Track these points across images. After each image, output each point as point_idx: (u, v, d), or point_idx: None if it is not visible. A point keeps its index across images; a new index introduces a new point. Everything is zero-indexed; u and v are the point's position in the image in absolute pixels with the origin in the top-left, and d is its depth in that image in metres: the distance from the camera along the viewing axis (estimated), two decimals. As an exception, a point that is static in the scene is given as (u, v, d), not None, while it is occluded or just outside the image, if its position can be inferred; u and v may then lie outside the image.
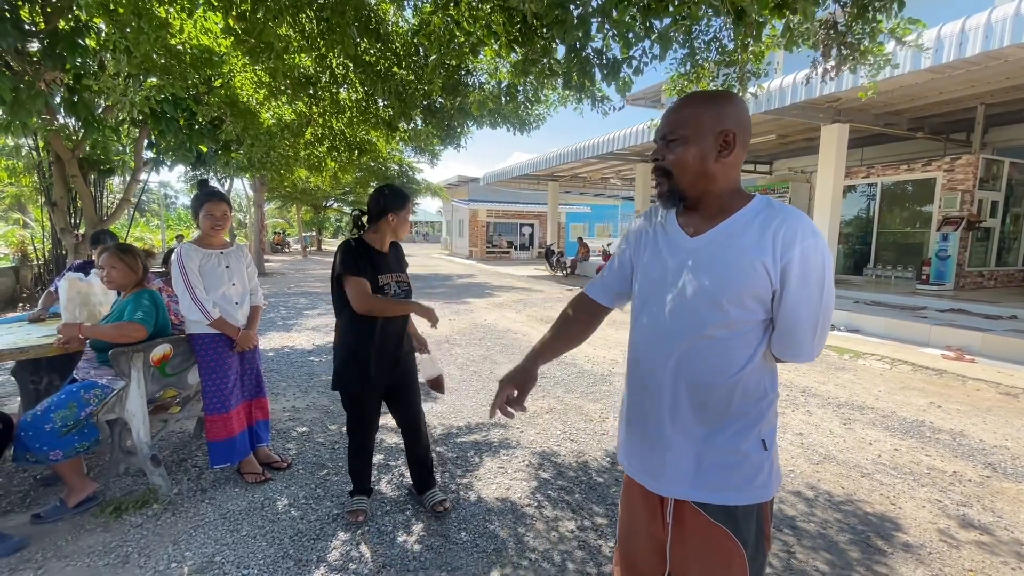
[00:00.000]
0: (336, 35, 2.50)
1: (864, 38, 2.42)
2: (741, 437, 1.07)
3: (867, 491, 2.74)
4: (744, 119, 1.07)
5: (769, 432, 1.09)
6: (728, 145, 1.05)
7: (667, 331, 1.10)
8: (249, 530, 2.32)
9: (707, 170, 1.06)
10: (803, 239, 1.00)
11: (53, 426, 2.28)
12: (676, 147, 1.08)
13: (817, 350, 1.07)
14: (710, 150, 1.05)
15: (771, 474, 1.09)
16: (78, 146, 5.60)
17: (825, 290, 1.02)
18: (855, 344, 6.16)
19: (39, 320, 3.26)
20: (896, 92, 7.65)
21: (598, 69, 2.37)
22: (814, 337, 1.05)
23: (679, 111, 1.09)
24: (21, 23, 3.96)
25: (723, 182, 1.08)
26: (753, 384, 1.07)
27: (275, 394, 4.26)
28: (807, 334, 1.04)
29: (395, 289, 2.30)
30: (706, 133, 1.05)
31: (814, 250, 1.00)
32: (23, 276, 9.15)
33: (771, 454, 1.09)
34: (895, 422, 3.73)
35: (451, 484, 2.76)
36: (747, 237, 1.03)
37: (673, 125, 1.09)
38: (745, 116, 1.07)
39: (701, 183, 1.08)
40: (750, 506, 1.08)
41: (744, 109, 1.08)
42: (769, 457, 1.09)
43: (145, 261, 2.67)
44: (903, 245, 10.54)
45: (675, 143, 1.08)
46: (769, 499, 1.10)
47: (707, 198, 1.10)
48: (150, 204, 31.68)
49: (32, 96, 3.95)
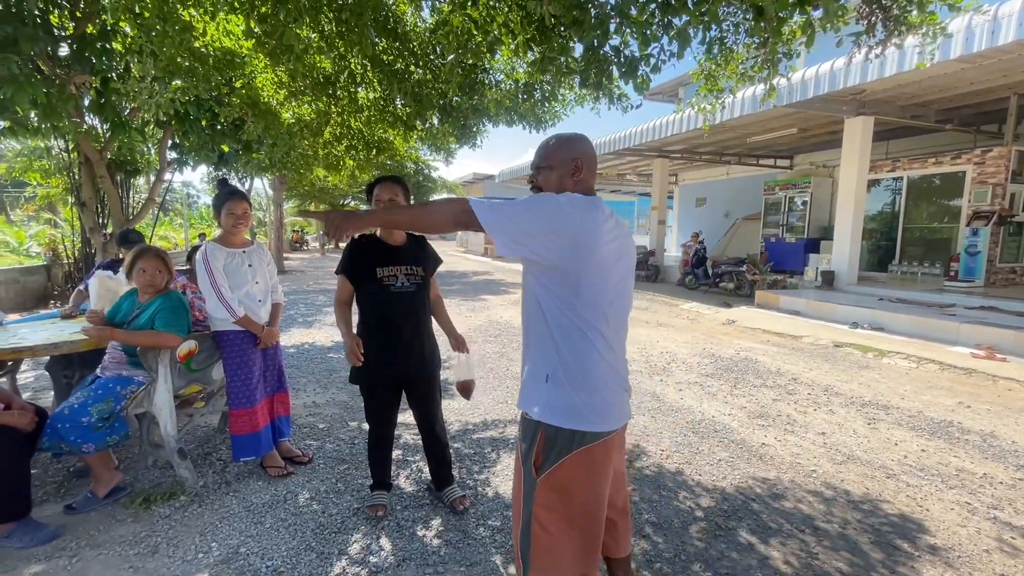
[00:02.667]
0: (354, 35, 2.52)
1: (912, 8, 2.31)
2: None
3: (892, 492, 2.68)
4: (589, 152, 1.47)
5: (572, 380, 1.39)
6: (579, 169, 1.44)
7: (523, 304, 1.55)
8: (272, 522, 2.37)
9: (564, 186, 1.44)
10: None
11: (90, 420, 2.36)
12: (544, 172, 1.48)
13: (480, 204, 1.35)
14: (566, 173, 1.45)
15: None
16: (106, 147, 5.77)
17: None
18: (879, 342, 6.02)
19: (71, 317, 3.37)
20: (924, 83, 7.43)
21: (616, 67, 2.34)
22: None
23: (549, 147, 1.49)
24: (51, 28, 4.09)
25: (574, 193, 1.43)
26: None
27: (295, 390, 4.33)
28: None
29: (403, 281, 2.30)
30: (564, 161, 1.45)
31: None
32: (54, 274, 9.45)
33: (573, 400, 1.39)
34: (922, 422, 3.64)
35: (469, 480, 2.78)
36: None
37: (541, 157, 1.50)
38: (590, 150, 1.48)
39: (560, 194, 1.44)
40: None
41: (589, 144, 1.49)
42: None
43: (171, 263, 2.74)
44: (930, 241, 10.26)
45: (543, 169, 1.49)
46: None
47: None
48: (173, 203, 32.41)
49: (63, 99, 4.08)
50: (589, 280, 1.33)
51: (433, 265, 2.48)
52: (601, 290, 1.35)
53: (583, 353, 1.35)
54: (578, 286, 1.33)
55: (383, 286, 2.27)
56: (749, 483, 2.78)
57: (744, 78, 3.52)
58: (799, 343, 6.25)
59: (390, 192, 2.29)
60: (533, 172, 1.53)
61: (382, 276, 2.27)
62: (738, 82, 3.58)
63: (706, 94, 3.71)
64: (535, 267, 1.37)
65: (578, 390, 1.35)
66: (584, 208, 1.31)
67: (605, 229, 1.34)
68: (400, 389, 2.43)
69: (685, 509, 2.52)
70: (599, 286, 1.35)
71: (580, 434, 1.36)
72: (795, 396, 4.21)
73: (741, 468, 2.95)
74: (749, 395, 4.24)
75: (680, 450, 3.19)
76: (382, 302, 2.28)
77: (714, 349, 5.89)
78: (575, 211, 1.29)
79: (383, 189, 2.30)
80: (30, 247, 12.45)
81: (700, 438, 3.36)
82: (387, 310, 2.28)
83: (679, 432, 3.47)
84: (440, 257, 2.56)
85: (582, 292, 1.33)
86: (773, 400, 4.12)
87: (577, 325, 1.35)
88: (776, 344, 6.20)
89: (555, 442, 1.36)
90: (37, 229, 13.98)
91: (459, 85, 2.95)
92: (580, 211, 1.30)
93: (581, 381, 1.36)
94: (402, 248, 2.37)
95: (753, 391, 4.34)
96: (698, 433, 3.44)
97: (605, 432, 1.39)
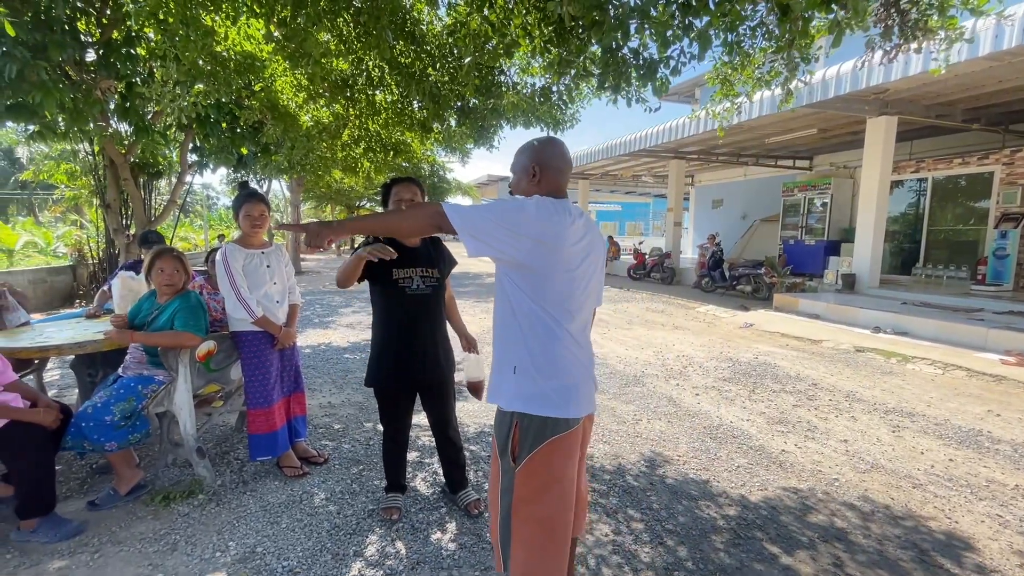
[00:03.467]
0: (372, 38, 2.53)
1: (932, 12, 2.25)
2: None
3: (919, 503, 2.60)
4: (547, 155, 1.54)
5: (539, 368, 1.44)
6: (535, 174, 1.53)
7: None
8: (288, 522, 2.38)
9: (526, 190, 1.54)
10: None
11: (113, 419, 2.40)
12: (512, 177, 1.62)
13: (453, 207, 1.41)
14: (526, 177, 1.54)
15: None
16: (130, 150, 5.89)
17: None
18: (903, 347, 5.87)
19: (95, 316, 3.44)
20: (950, 81, 7.24)
21: (634, 70, 2.30)
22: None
23: (515, 155, 1.62)
24: (79, 34, 4.19)
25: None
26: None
27: (311, 390, 4.37)
28: None
29: (418, 283, 2.28)
30: (523, 167, 1.55)
31: None
32: (80, 274, 9.70)
33: (541, 387, 1.44)
34: (949, 431, 3.53)
35: (484, 484, 2.77)
36: None
37: (513, 163, 1.62)
38: (549, 152, 1.55)
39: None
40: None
41: (553, 148, 1.56)
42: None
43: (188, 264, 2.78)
44: (956, 243, 9.99)
45: (512, 174, 1.62)
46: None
47: None
48: (193, 205, 33.02)
49: (89, 104, 4.17)
50: (554, 278, 1.41)
51: (448, 267, 2.47)
52: (567, 287, 1.43)
53: (549, 344, 1.42)
54: (543, 283, 1.41)
55: (398, 288, 2.26)
56: (770, 491, 2.72)
57: (761, 83, 3.46)
58: (819, 347, 6.13)
59: (409, 192, 2.29)
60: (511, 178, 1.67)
61: (398, 278, 2.26)
62: (754, 87, 3.52)
63: (721, 99, 3.66)
64: (503, 264, 1.46)
65: (547, 378, 1.42)
66: (550, 212, 1.38)
67: (572, 231, 1.41)
68: (415, 392, 2.43)
69: (705, 517, 2.47)
70: (565, 284, 1.43)
71: (552, 420, 1.42)
72: (815, 402, 4.12)
73: (761, 475, 2.89)
74: (768, 400, 4.16)
75: (698, 456, 3.13)
76: (397, 304, 2.27)
77: (731, 353, 5.79)
78: (540, 214, 1.36)
79: (402, 190, 2.29)
80: (57, 247, 12.79)
81: (718, 444, 3.30)
82: (402, 312, 2.27)
83: (696, 438, 3.41)
84: (455, 259, 2.55)
85: (547, 289, 1.41)
86: (793, 406, 4.03)
87: (542, 318, 1.43)
88: (795, 348, 6.08)
89: (529, 430, 1.42)
90: (64, 230, 14.36)
91: (476, 87, 2.94)
92: (545, 215, 1.37)
93: (548, 370, 1.42)
94: (418, 249, 2.36)
95: (772, 396, 4.26)
96: (716, 439, 3.39)
97: (575, 419, 1.45)
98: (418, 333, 2.30)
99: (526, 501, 1.43)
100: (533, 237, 1.35)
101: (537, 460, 1.41)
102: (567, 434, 1.44)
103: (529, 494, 1.43)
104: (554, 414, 1.42)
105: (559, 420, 1.42)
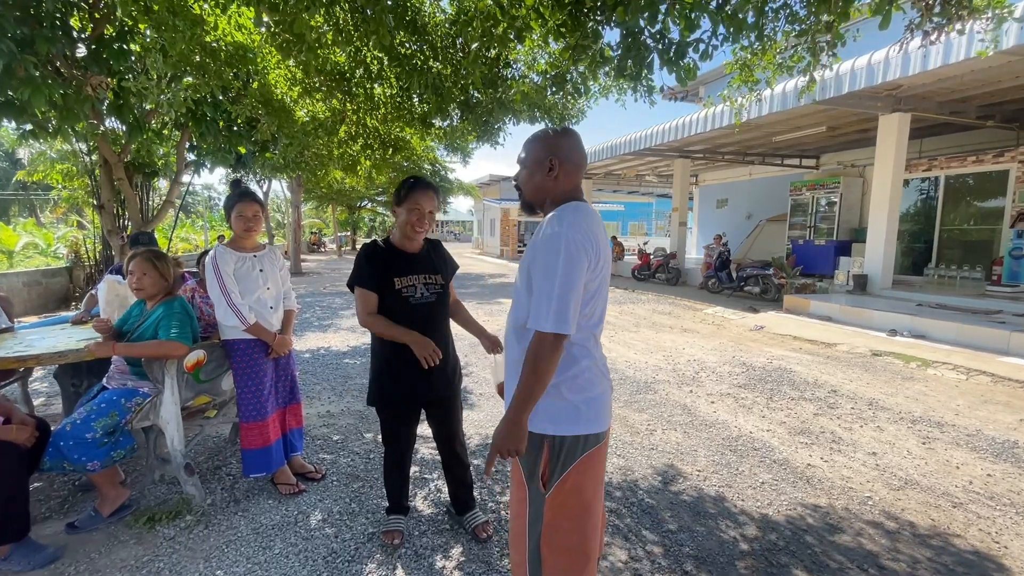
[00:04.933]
0: (371, 26, 2.35)
1: None
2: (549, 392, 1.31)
3: (962, 525, 2.41)
4: (565, 148, 1.40)
5: (568, 386, 1.33)
6: (553, 168, 1.38)
7: (512, 307, 1.43)
8: (282, 547, 2.21)
9: (539, 185, 1.42)
10: (543, 228, 1.30)
11: (94, 435, 2.23)
12: (522, 170, 1.46)
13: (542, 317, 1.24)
14: (541, 171, 1.40)
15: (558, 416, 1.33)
16: (124, 149, 5.72)
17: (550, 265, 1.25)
18: (922, 351, 5.67)
19: (82, 322, 3.27)
20: (966, 77, 7.03)
21: (657, 55, 2.11)
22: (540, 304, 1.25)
23: (526, 145, 1.45)
24: (71, 29, 4.02)
25: (552, 194, 1.42)
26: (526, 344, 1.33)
27: (309, 398, 4.20)
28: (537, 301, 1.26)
29: (422, 291, 2.10)
30: (537, 160, 1.40)
31: (554, 239, 1.26)
32: (76, 276, 9.54)
33: (573, 402, 1.33)
34: (982, 442, 3.34)
35: (490, 503, 2.59)
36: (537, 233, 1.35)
37: (522, 154, 1.46)
38: (567, 145, 1.40)
39: (537, 195, 1.44)
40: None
41: (571, 141, 1.42)
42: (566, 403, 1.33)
43: (175, 268, 2.59)
44: (969, 243, 9.77)
45: (521, 168, 1.46)
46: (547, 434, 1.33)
47: (542, 206, 1.45)
48: (195, 206, 32.94)
49: (79, 101, 4.01)
50: (599, 293, 1.37)
51: (451, 272, 2.29)
52: (596, 296, 1.38)
53: (575, 358, 1.35)
54: (588, 301, 1.35)
55: (401, 298, 2.07)
56: (798, 511, 2.53)
57: (782, 69, 3.29)
58: (834, 351, 5.93)
59: (431, 204, 2.09)
60: (517, 171, 1.50)
61: (400, 287, 2.07)
62: (775, 73, 3.35)
63: (740, 86, 3.48)
64: None
65: (576, 393, 1.35)
66: (588, 230, 1.29)
67: (604, 239, 1.36)
68: (420, 408, 2.24)
69: (729, 540, 2.29)
70: (595, 293, 1.37)
71: (583, 438, 1.35)
72: (837, 410, 3.93)
73: (787, 493, 2.70)
74: (787, 409, 3.97)
75: (718, 471, 2.95)
76: (400, 316, 2.07)
77: (744, 357, 5.60)
78: (587, 248, 1.28)
79: (425, 200, 2.06)
80: (57, 249, 12.64)
81: (739, 457, 3.12)
82: (406, 325, 2.07)
83: (715, 450, 3.22)
84: (456, 263, 2.37)
85: (587, 303, 1.34)
86: (814, 415, 3.85)
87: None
88: (809, 352, 5.89)
89: (561, 451, 1.35)
90: (64, 231, 14.22)
91: (482, 76, 2.75)
92: (588, 244, 1.28)
93: (576, 384, 1.35)
94: (419, 255, 2.18)
95: (791, 404, 4.07)
96: (736, 452, 3.20)
97: (604, 431, 1.40)
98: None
99: (558, 528, 1.34)
100: (592, 263, 1.30)
101: (569, 482, 1.34)
102: (597, 448, 1.38)
103: (561, 520, 1.35)
104: (587, 430, 1.35)
105: (589, 436, 1.35)
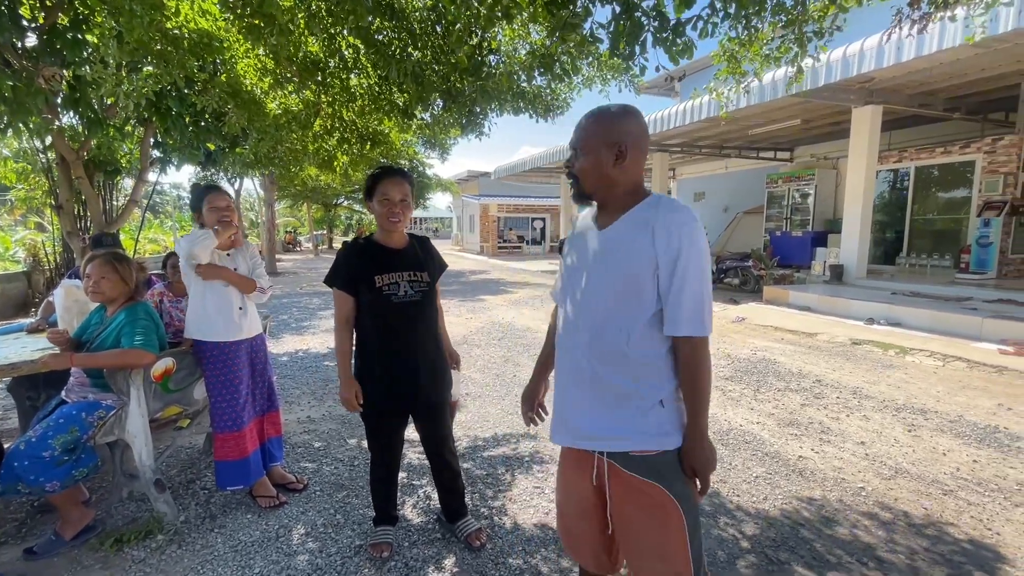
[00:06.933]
0: (346, 4, 2.20)
1: None
2: (640, 396, 1.23)
3: (954, 513, 2.42)
4: (636, 131, 1.24)
5: (667, 393, 1.24)
6: (622, 155, 1.23)
7: (581, 309, 1.29)
8: (263, 566, 2.08)
9: (605, 175, 1.25)
10: (683, 225, 1.17)
11: (52, 453, 2.05)
12: (580, 157, 1.28)
13: (706, 322, 1.19)
14: (607, 159, 1.23)
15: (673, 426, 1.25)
16: (83, 146, 5.41)
17: (704, 266, 1.19)
18: (899, 339, 5.78)
19: (38, 331, 3.04)
20: (935, 70, 7.18)
21: (651, 34, 2.04)
22: (697, 308, 1.18)
23: (584, 128, 1.27)
24: (19, 18, 3.74)
25: (622, 184, 1.26)
26: (643, 351, 1.23)
27: (288, 403, 4.03)
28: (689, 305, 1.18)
29: (406, 289, 1.97)
30: (602, 146, 1.23)
31: (698, 234, 1.18)
32: (35, 280, 9.07)
33: (669, 411, 1.24)
34: (965, 428, 3.39)
35: (483, 508, 2.50)
36: (638, 228, 1.21)
37: (579, 139, 1.28)
38: (637, 129, 1.25)
39: (602, 186, 1.27)
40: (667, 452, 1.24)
41: (638, 122, 1.25)
42: (668, 413, 1.24)
43: (138, 272, 2.42)
44: (938, 232, 10.05)
45: (580, 155, 1.28)
46: (675, 447, 1.25)
47: (610, 198, 1.28)
48: (163, 206, 31.81)
49: (31, 94, 3.74)
50: None
51: (439, 270, 2.17)
52: None
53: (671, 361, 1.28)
54: None
55: (382, 297, 1.94)
56: (794, 504, 2.51)
57: (769, 60, 3.27)
58: (815, 341, 6.01)
59: (400, 192, 1.96)
60: (571, 156, 1.33)
61: (381, 285, 1.94)
62: (762, 64, 3.33)
63: (726, 77, 3.45)
64: None
65: (681, 399, 1.29)
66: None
67: None
68: (407, 413, 2.13)
69: (728, 538, 2.24)
70: None
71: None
72: (823, 400, 3.96)
73: (782, 486, 2.68)
74: (775, 400, 3.97)
75: (711, 466, 2.91)
76: (383, 316, 1.95)
77: (728, 349, 5.63)
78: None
79: (392, 188, 1.94)
80: (16, 252, 12.01)
81: (731, 451, 3.09)
82: (389, 326, 1.96)
83: (707, 444, 3.19)
84: (445, 262, 2.25)
85: None
86: (801, 405, 3.86)
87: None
88: (792, 343, 5.95)
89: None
90: (24, 234, 13.52)
91: (466, 58, 2.61)
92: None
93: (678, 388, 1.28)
94: (404, 251, 2.05)
95: (778, 395, 4.08)
96: (728, 445, 3.17)
97: None
98: (407, 348, 1.98)
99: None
100: None
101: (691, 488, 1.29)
102: None
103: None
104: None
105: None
